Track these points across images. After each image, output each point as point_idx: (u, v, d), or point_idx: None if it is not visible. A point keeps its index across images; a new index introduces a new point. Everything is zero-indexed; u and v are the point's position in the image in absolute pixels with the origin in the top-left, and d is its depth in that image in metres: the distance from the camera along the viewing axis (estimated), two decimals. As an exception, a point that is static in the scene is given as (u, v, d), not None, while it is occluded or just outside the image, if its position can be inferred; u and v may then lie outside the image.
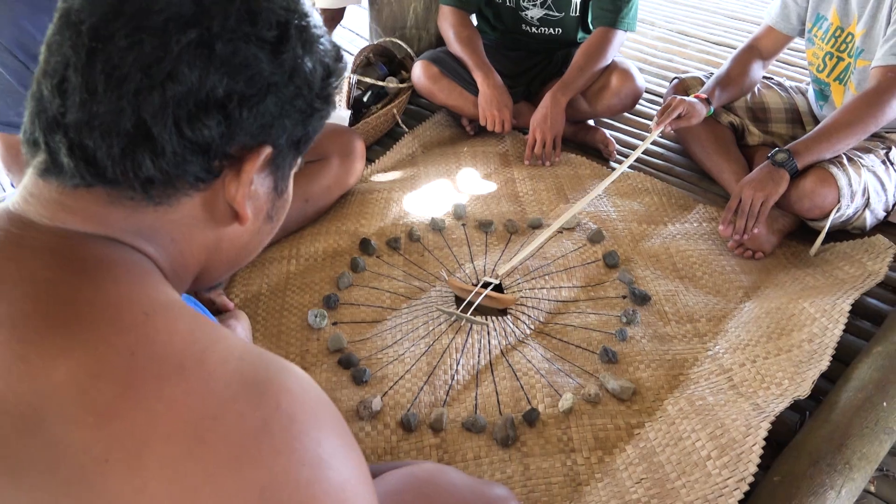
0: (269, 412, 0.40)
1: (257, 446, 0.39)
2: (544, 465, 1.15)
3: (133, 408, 0.38)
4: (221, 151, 0.46)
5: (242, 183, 0.48)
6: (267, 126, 0.48)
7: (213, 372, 0.41)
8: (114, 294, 0.44)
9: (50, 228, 0.46)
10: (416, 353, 1.34)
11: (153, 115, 0.43)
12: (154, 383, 0.39)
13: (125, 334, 0.41)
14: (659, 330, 1.40)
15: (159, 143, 0.44)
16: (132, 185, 0.46)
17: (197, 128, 0.44)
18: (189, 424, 0.38)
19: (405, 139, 2.06)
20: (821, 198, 1.49)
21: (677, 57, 2.68)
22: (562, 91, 1.89)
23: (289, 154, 0.52)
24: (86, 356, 0.40)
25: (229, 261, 0.58)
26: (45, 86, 0.45)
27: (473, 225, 1.70)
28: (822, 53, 1.64)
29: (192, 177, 0.46)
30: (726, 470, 1.06)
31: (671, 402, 1.23)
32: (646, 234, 1.68)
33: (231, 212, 0.50)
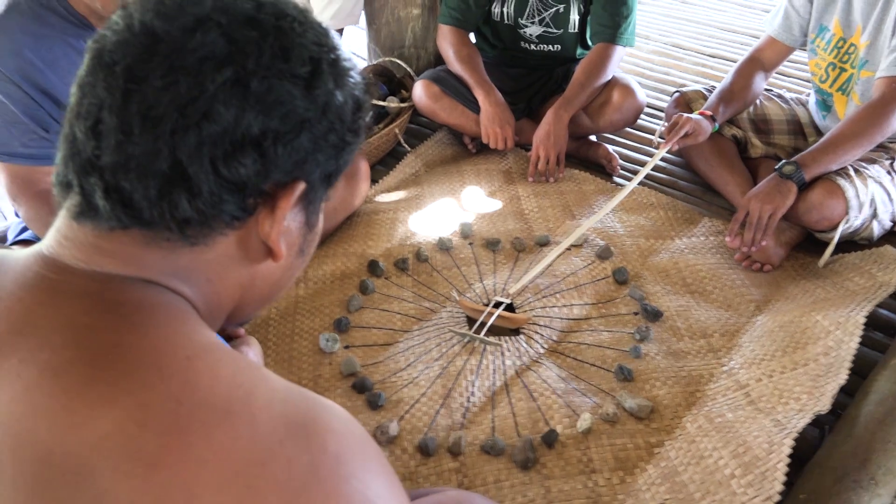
0: (316, 455, 0.40)
1: (307, 492, 0.38)
2: (566, 487, 1.14)
3: (181, 457, 0.38)
4: (257, 189, 0.46)
5: (277, 220, 0.48)
6: (301, 162, 0.47)
7: (258, 416, 0.40)
8: (155, 338, 0.43)
9: (86, 272, 0.46)
10: (431, 375, 1.33)
11: (189, 155, 0.42)
12: (201, 430, 0.39)
13: (169, 380, 0.40)
14: (673, 346, 1.40)
15: (196, 184, 0.43)
16: (169, 227, 0.45)
17: (233, 167, 0.44)
18: (238, 472, 0.38)
19: (408, 158, 2.06)
20: (829, 210, 1.49)
21: (674, 70, 2.70)
22: (564, 107, 1.89)
23: (321, 188, 0.52)
24: (131, 405, 0.39)
25: (262, 297, 0.57)
26: (79, 128, 0.44)
27: (481, 244, 1.70)
28: (824, 64, 1.66)
29: (227, 216, 0.46)
30: (751, 489, 1.05)
31: (690, 420, 1.22)
32: (653, 249, 1.68)
33: (265, 249, 0.50)
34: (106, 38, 0.45)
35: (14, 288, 0.46)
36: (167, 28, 0.44)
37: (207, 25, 0.44)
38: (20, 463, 0.39)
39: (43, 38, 1.19)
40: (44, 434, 0.39)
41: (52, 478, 0.38)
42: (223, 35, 0.44)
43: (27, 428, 0.39)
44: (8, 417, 0.40)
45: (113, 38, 0.45)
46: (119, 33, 0.45)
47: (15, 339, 0.43)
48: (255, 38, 0.45)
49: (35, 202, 1.27)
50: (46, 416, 0.39)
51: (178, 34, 0.43)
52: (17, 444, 0.39)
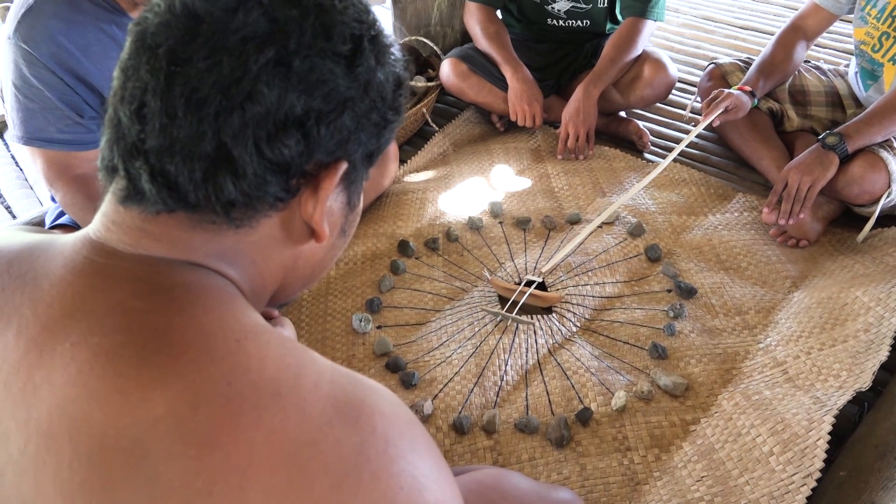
0: (365, 436, 0.40)
1: (357, 472, 0.39)
2: (601, 464, 1.14)
3: (233, 438, 0.38)
4: (300, 170, 0.46)
5: (320, 200, 0.48)
6: (343, 142, 0.47)
7: (307, 397, 0.40)
8: (205, 321, 0.43)
9: (134, 256, 0.46)
10: (464, 354, 1.33)
11: (234, 136, 0.42)
12: (252, 412, 0.39)
13: (220, 363, 0.41)
14: (707, 323, 1.38)
15: (240, 165, 0.43)
16: (214, 209, 0.45)
17: (277, 147, 0.44)
18: (289, 453, 0.38)
19: (436, 138, 2.05)
20: (870, 183, 1.46)
21: (705, 44, 2.64)
22: (593, 83, 1.86)
23: (362, 167, 0.52)
24: (183, 387, 0.39)
25: (304, 278, 0.57)
26: (123, 112, 0.45)
27: (511, 222, 1.69)
28: (877, 34, 1.60)
29: (271, 197, 0.46)
30: (791, 466, 1.04)
31: (726, 397, 1.21)
32: (686, 225, 1.65)
33: (308, 230, 0.50)
34: (148, 20, 0.45)
35: (64, 273, 0.46)
36: (209, 8, 0.43)
37: (249, 5, 0.44)
38: (76, 445, 0.39)
39: (76, 23, 1.21)
40: (98, 416, 0.39)
41: (108, 459, 0.38)
42: (264, 14, 0.43)
43: (82, 410, 0.40)
44: (63, 400, 0.41)
45: (155, 20, 0.45)
46: (161, 15, 0.44)
47: (67, 323, 0.43)
48: (296, 16, 0.44)
49: (71, 187, 1.29)
50: (100, 398, 0.40)
51: (219, 14, 0.43)
52: (74, 426, 0.40)
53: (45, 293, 0.45)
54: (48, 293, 0.45)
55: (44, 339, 0.43)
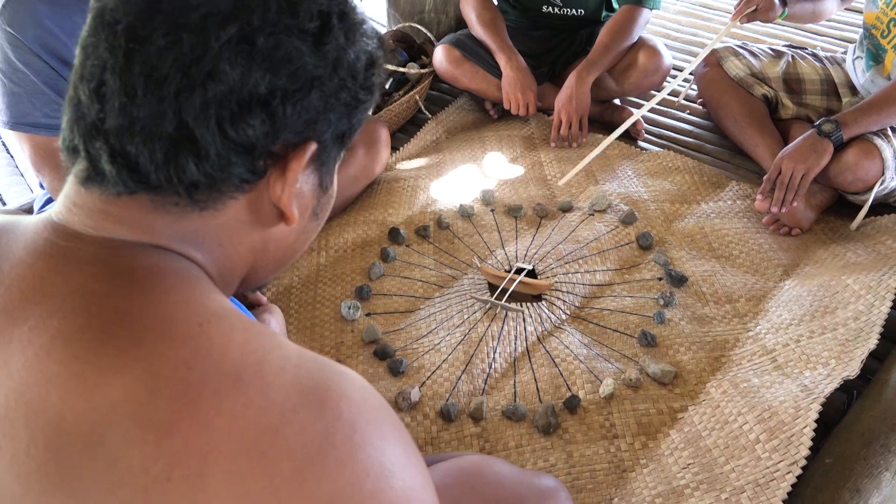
0: (330, 422, 0.39)
1: (321, 459, 0.38)
2: (588, 452, 1.13)
3: (193, 423, 0.37)
4: (266, 151, 0.44)
5: (288, 182, 0.46)
6: (312, 122, 0.46)
7: (271, 382, 0.39)
8: (166, 305, 0.42)
9: (96, 239, 0.45)
10: (452, 342, 1.33)
11: (195, 116, 0.41)
12: (213, 397, 0.38)
13: (180, 347, 0.40)
14: (697, 311, 1.37)
15: (203, 146, 0.42)
16: (176, 191, 0.44)
17: (240, 128, 0.42)
18: (250, 439, 0.37)
19: (429, 125, 2.04)
20: (864, 170, 1.45)
21: (702, 31, 2.62)
22: (587, 70, 1.85)
23: (334, 149, 0.50)
24: (142, 371, 0.38)
25: (276, 261, 0.56)
26: (83, 91, 0.43)
27: (502, 210, 1.68)
28: (886, 19, 1.59)
29: (237, 179, 0.45)
30: (776, 454, 1.04)
31: (714, 385, 1.20)
32: (679, 213, 1.65)
33: (277, 212, 0.49)
34: None
35: (24, 255, 0.45)
36: None
37: None
38: (33, 430, 0.38)
39: (62, 6, 1.19)
40: (55, 401, 0.38)
41: (65, 444, 0.38)
42: None
43: (39, 395, 0.39)
44: (20, 384, 0.40)
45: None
46: None
47: (26, 307, 0.43)
48: None
49: (59, 172, 1.28)
50: (58, 383, 0.39)
51: None
52: (30, 411, 0.39)
53: (4, 276, 0.45)
54: (7, 276, 0.45)
55: (1, 323, 0.42)
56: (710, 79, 1.86)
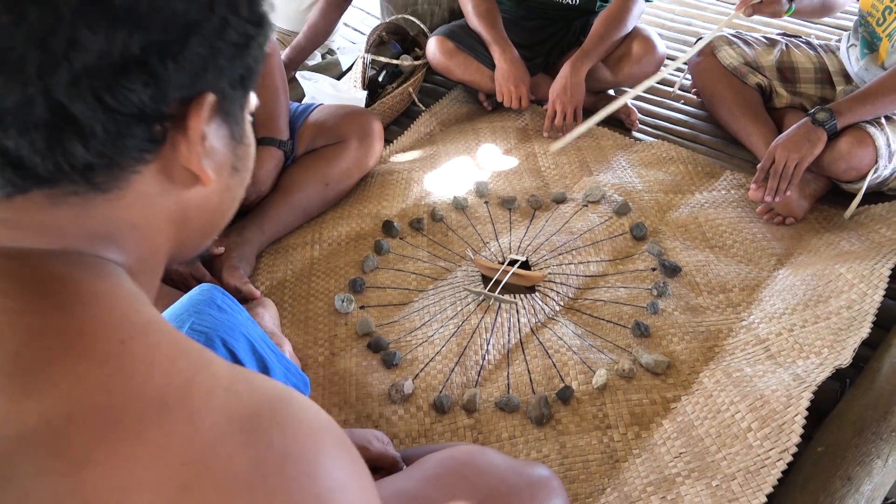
0: (259, 451, 0.36)
1: (249, 492, 0.35)
2: (580, 442, 1.14)
3: (112, 454, 0.34)
4: (158, 114, 0.40)
5: (193, 141, 0.42)
6: (200, 72, 0.41)
7: (198, 408, 0.37)
8: (83, 320, 0.39)
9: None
10: (446, 334, 1.33)
11: (68, 94, 0.36)
12: (134, 426, 0.35)
13: (100, 368, 0.37)
14: (691, 301, 1.37)
15: (85, 124, 0.38)
16: (72, 179, 0.39)
17: (121, 96, 0.38)
18: (175, 470, 0.35)
19: (422, 118, 2.03)
20: (857, 159, 1.44)
21: (696, 20, 2.61)
22: (581, 60, 1.84)
23: (236, 95, 0.45)
24: (58, 397, 0.35)
25: (203, 228, 0.51)
26: None
27: (496, 202, 1.68)
28: (881, 7, 1.58)
29: (134, 151, 0.40)
30: (768, 441, 1.04)
31: (707, 375, 1.21)
32: (673, 203, 1.64)
33: (190, 175, 0.44)
34: None
35: None
36: None
37: None
38: None
39: None
40: None
41: None
42: None
43: None
44: None
45: None
46: None
47: None
48: None
49: None
50: None
51: None
52: None
53: None
54: None
55: None
56: (703, 68, 1.85)
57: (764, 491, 0.98)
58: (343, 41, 2.54)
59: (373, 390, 1.24)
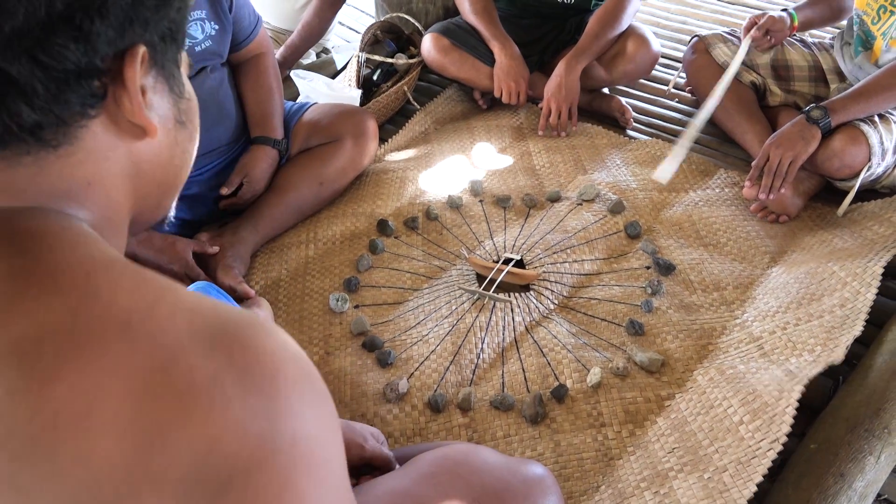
0: (220, 364, 0.38)
1: (208, 399, 0.37)
2: (575, 440, 1.14)
3: (79, 369, 0.37)
4: (94, 69, 0.42)
5: (131, 92, 0.44)
6: (126, 24, 0.43)
7: (160, 325, 0.39)
8: (51, 261, 0.41)
9: None
10: (441, 333, 1.33)
11: (2, 57, 0.39)
12: (99, 342, 0.37)
13: (66, 296, 0.39)
14: (685, 300, 1.38)
15: (25, 84, 0.40)
16: (22, 139, 0.42)
17: (55, 53, 0.40)
18: (137, 380, 0.37)
19: (417, 116, 2.03)
20: (851, 157, 1.45)
21: (691, 19, 2.62)
22: (576, 58, 1.84)
23: (168, 49, 0.47)
24: (27, 324, 0.38)
25: (161, 185, 0.53)
26: None
27: (491, 201, 1.68)
28: (876, 6, 1.59)
29: (77, 106, 0.43)
30: (759, 433, 1.05)
31: (701, 373, 1.21)
32: (667, 202, 1.65)
33: (136, 128, 0.46)
34: None
35: None
36: None
37: None
38: None
39: None
40: None
41: None
42: None
43: None
44: None
45: None
46: None
47: None
48: None
49: None
50: None
51: None
52: None
53: None
54: None
55: None
56: (698, 66, 1.85)
57: (754, 480, 0.99)
58: (337, 40, 2.53)
59: (368, 389, 1.24)
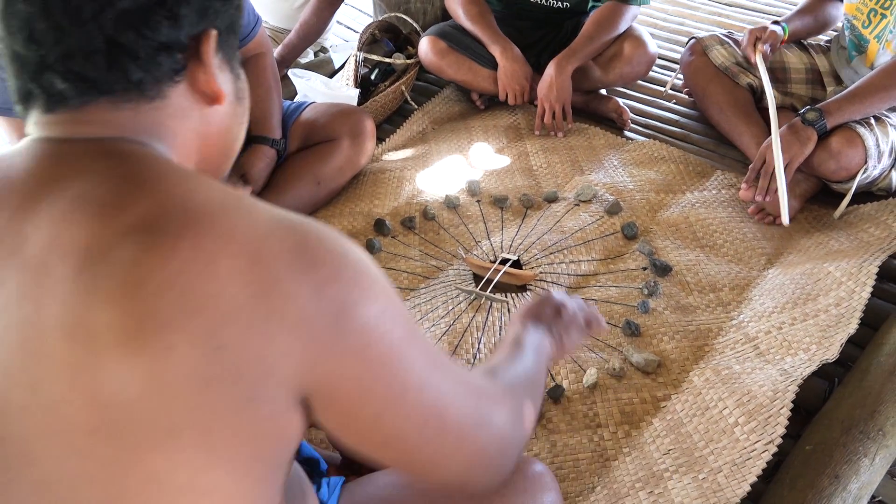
0: (300, 236, 0.49)
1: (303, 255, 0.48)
2: (571, 441, 1.14)
3: (197, 233, 0.47)
4: (179, 43, 0.55)
5: (206, 64, 0.57)
6: (203, 12, 0.56)
7: (251, 212, 0.50)
8: (156, 167, 0.53)
9: (79, 139, 0.54)
10: (437, 333, 1.33)
11: (115, 29, 0.51)
12: (208, 218, 0.48)
13: (175, 188, 0.50)
14: (681, 301, 1.38)
15: (132, 49, 0.52)
16: (127, 88, 0.54)
17: (153, 27, 0.53)
18: (244, 244, 0.47)
19: (415, 116, 2.03)
20: (847, 159, 1.45)
21: (688, 20, 2.62)
22: (567, 59, 1.84)
23: (229, 37, 0.61)
24: (150, 204, 0.48)
25: (220, 147, 0.65)
26: (17, 44, 0.52)
27: (488, 201, 1.68)
28: (866, 10, 1.60)
29: (168, 69, 0.55)
30: (754, 434, 1.05)
31: (697, 374, 1.21)
32: (664, 203, 1.65)
33: (208, 96, 0.59)
34: None
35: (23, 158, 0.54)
36: None
37: None
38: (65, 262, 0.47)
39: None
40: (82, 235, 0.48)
41: (89, 264, 0.47)
42: None
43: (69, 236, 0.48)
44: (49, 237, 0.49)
45: None
46: None
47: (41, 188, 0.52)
48: None
49: None
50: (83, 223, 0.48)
51: None
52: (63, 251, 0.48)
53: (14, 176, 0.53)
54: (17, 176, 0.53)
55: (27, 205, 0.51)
56: (695, 68, 1.86)
57: (748, 481, 0.99)
58: (336, 39, 2.53)
59: (364, 389, 1.23)
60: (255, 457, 0.49)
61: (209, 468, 0.47)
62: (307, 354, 0.48)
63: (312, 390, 0.50)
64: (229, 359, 0.46)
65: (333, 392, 0.50)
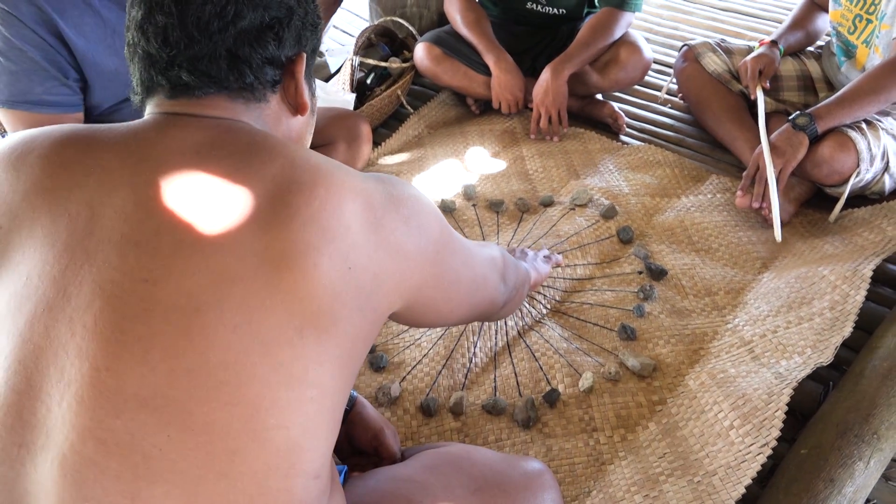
0: (388, 188, 0.67)
1: (390, 205, 0.66)
2: (567, 445, 1.14)
3: (326, 182, 0.62)
4: (279, 60, 0.70)
5: (298, 80, 0.72)
6: (298, 38, 0.71)
7: (350, 171, 0.65)
8: (274, 140, 0.66)
9: (201, 116, 0.67)
10: (433, 337, 1.33)
11: (235, 43, 0.66)
12: (329, 174, 0.62)
13: (297, 150, 0.64)
14: (677, 304, 1.38)
15: (247, 59, 0.67)
16: (243, 87, 0.68)
17: (264, 45, 0.68)
18: (358, 194, 0.63)
19: (411, 120, 2.04)
20: (839, 163, 1.46)
21: (683, 25, 2.63)
22: (562, 64, 1.85)
23: (311, 59, 0.75)
24: (283, 161, 0.62)
25: None
26: (152, 46, 0.66)
27: (484, 205, 1.68)
28: (851, 16, 1.61)
29: (271, 79, 0.70)
30: (749, 437, 1.05)
31: (692, 377, 1.21)
32: (659, 207, 1.65)
33: (294, 108, 0.74)
34: None
35: (150, 128, 0.66)
36: None
37: None
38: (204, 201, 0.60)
39: None
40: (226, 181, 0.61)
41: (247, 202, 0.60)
42: None
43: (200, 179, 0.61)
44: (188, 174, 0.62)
45: None
46: None
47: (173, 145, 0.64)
48: None
49: None
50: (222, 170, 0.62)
51: None
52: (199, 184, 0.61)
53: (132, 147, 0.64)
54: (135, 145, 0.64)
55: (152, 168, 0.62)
56: (688, 74, 1.87)
57: (743, 484, 0.99)
58: (332, 43, 2.53)
59: (360, 392, 1.23)
60: (350, 355, 0.62)
61: (320, 363, 0.59)
62: (405, 272, 0.67)
63: (407, 297, 0.69)
64: (355, 276, 0.61)
65: (419, 294, 0.71)
